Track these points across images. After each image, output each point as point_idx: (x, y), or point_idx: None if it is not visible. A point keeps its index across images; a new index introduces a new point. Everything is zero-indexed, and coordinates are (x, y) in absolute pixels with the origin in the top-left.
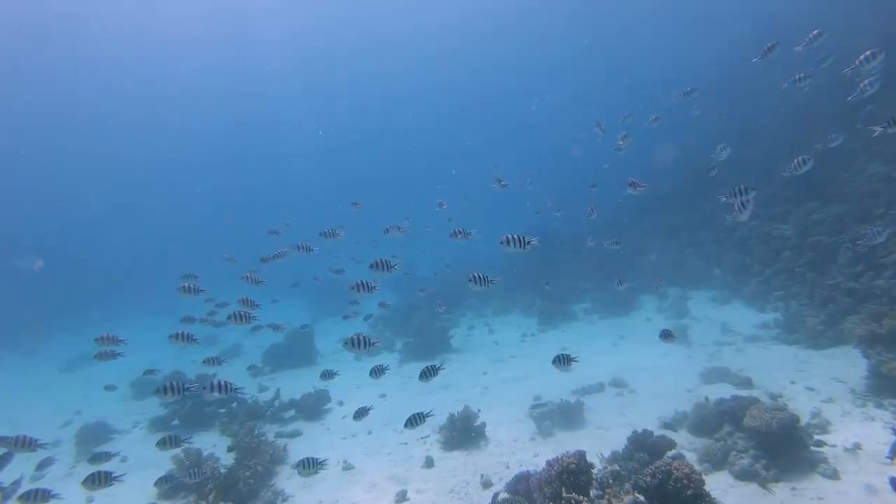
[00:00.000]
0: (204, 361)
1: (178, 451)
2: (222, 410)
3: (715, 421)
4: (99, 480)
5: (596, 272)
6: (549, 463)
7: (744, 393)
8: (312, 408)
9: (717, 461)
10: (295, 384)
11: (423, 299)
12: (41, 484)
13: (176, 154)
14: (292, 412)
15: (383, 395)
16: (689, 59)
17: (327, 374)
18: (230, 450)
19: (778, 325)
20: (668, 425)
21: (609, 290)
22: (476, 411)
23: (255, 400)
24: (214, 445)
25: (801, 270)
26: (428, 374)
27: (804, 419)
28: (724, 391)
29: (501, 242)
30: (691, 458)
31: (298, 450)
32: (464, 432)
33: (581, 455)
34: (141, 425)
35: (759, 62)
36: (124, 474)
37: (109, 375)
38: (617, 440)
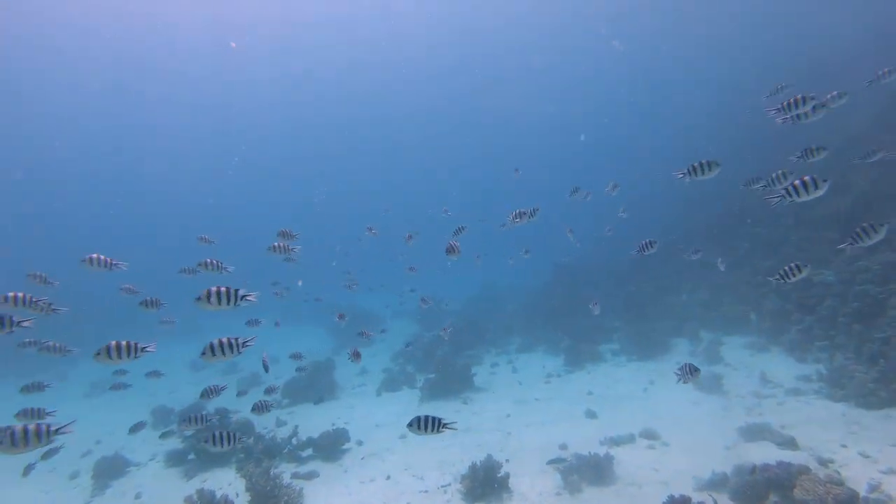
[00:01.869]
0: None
1: (191, 492)
2: (239, 446)
3: (760, 489)
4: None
5: (625, 311)
6: None
7: (787, 453)
8: (330, 447)
9: None
10: (313, 419)
11: (446, 334)
12: None
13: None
14: (310, 451)
15: (403, 437)
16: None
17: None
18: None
19: (821, 378)
20: (705, 487)
21: (639, 331)
22: (502, 462)
23: (273, 436)
24: (230, 484)
25: (845, 321)
26: None
27: (862, 491)
28: (766, 450)
29: (199, 299)
30: None
31: (314, 493)
32: (486, 483)
33: None
34: (157, 458)
35: None
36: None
37: (130, 401)
38: (650, 500)
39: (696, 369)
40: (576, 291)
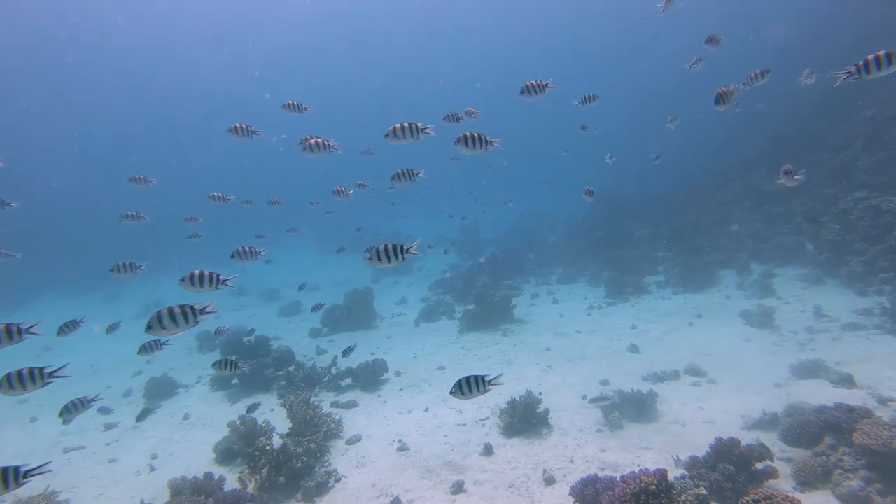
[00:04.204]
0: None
1: (234, 417)
2: (280, 373)
3: (814, 431)
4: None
5: (672, 242)
6: (624, 479)
7: (843, 392)
8: (369, 378)
9: (817, 479)
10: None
11: (485, 264)
12: (110, 434)
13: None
14: (349, 380)
15: (441, 368)
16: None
17: None
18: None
19: (884, 312)
20: (755, 427)
21: (686, 263)
22: (538, 395)
23: (313, 364)
24: (272, 410)
25: None
26: None
27: None
28: (820, 389)
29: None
30: (784, 470)
31: (353, 423)
32: (525, 419)
33: (662, 475)
34: (203, 381)
35: None
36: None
37: None
38: (694, 439)
39: (480, 383)
40: (620, 221)
